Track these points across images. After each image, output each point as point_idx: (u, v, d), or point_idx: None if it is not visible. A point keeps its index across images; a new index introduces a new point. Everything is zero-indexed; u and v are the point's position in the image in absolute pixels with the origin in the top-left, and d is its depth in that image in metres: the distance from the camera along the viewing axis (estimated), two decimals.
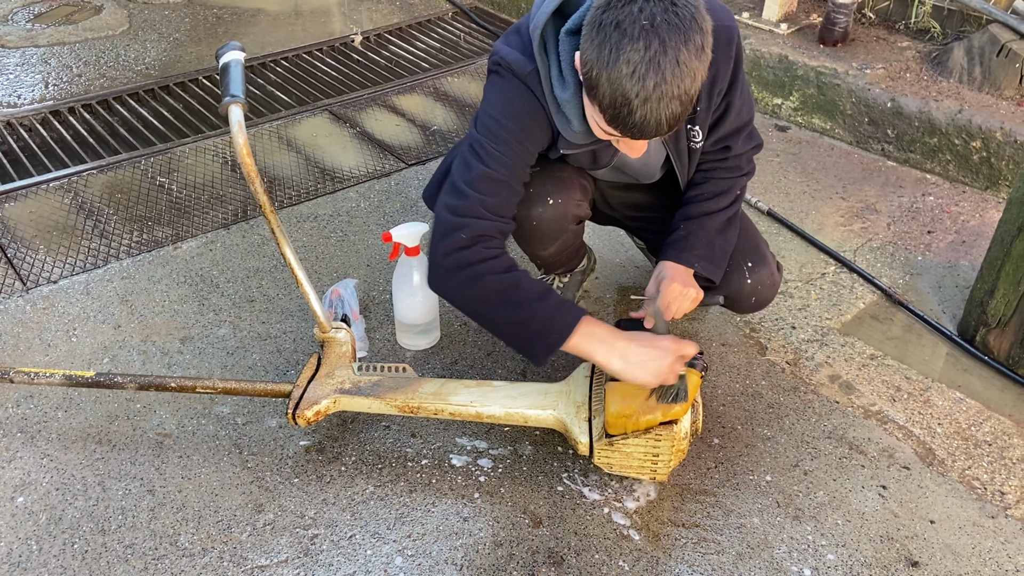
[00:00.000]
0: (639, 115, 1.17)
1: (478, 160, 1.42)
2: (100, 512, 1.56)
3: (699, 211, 1.61)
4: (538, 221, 1.64)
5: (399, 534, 1.52)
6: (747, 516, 1.56)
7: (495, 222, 1.41)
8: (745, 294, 1.72)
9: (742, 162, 1.63)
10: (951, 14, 2.86)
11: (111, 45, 3.50)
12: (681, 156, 1.58)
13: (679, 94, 1.16)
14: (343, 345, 1.71)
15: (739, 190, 1.64)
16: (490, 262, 1.39)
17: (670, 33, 1.13)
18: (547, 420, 1.58)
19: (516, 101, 1.42)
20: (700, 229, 1.60)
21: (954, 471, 1.66)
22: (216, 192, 2.55)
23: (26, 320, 2.03)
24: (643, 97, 1.15)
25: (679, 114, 1.19)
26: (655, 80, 1.14)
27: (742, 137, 1.57)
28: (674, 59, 1.14)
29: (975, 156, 2.50)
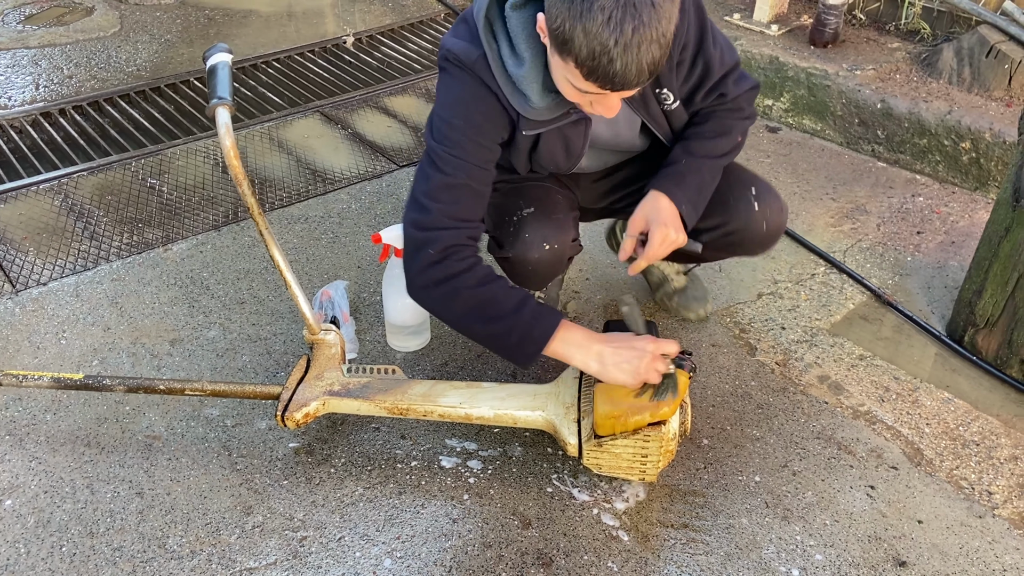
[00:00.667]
0: (620, 63, 1.15)
1: (434, 168, 1.41)
2: (88, 515, 1.56)
3: (702, 149, 1.57)
4: (534, 267, 1.61)
5: (388, 536, 1.52)
6: (736, 517, 1.56)
7: (462, 229, 1.41)
8: (755, 221, 1.63)
9: (742, 102, 1.59)
10: (941, 15, 2.87)
11: (102, 47, 3.50)
12: (656, 119, 1.55)
13: (657, 36, 1.14)
14: (332, 347, 1.71)
15: (740, 135, 1.61)
16: (463, 276, 1.39)
17: None
18: (536, 421, 1.58)
19: (465, 96, 1.40)
20: (697, 171, 1.56)
21: (942, 471, 1.66)
22: (207, 194, 2.54)
23: (15, 322, 2.02)
24: (623, 44, 1.13)
25: (659, 58, 1.17)
26: (633, 24, 1.12)
27: (731, 81, 1.55)
28: (649, 1, 1.12)
29: (964, 157, 2.51)
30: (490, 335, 1.43)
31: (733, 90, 1.57)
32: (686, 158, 1.57)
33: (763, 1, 3.02)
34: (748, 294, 2.12)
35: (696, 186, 1.56)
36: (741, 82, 1.58)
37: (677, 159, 1.58)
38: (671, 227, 1.51)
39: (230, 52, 1.56)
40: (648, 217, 1.54)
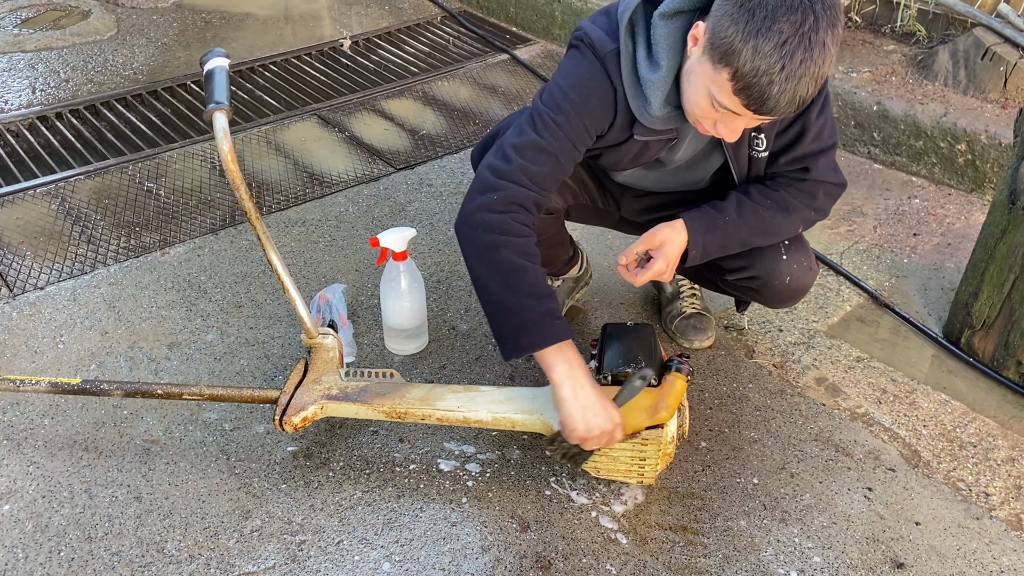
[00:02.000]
0: (778, 89, 1.17)
1: (532, 128, 1.42)
2: (87, 519, 1.55)
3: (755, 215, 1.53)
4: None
5: (387, 540, 1.52)
6: (734, 519, 1.57)
7: (531, 191, 1.41)
8: (780, 273, 1.60)
9: (819, 191, 1.54)
10: (936, 18, 2.88)
11: (99, 50, 3.49)
12: (740, 162, 1.54)
13: (818, 75, 1.17)
14: (330, 351, 1.71)
15: (801, 224, 1.57)
16: (512, 238, 1.38)
17: (824, 12, 1.14)
18: (534, 424, 1.58)
19: (587, 78, 1.41)
20: (734, 231, 1.53)
21: (939, 473, 1.67)
22: (204, 197, 2.54)
23: (12, 327, 2.02)
24: (788, 71, 1.15)
25: (812, 95, 1.19)
26: (802, 56, 1.14)
27: (822, 162, 1.51)
28: (822, 39, 1.15)
29: (960, 159, 2.52)
30: (500, 304, 1.39)
31: (820, 172, 1.52)
32: (735, 213, 1.53)
33: None
34: None
35: (720, 243, 1.54)
36: (832, 172, 1.53)
37: (727, 209, 1.53)
38: (670, 268, 1.53)
39: (227, 56, 1.56)
40: (664, 245, 1.53)
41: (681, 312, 2.00)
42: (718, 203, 1.55)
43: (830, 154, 1.52)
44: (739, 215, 1.53)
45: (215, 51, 1.55)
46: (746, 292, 1.70)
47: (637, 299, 2.13)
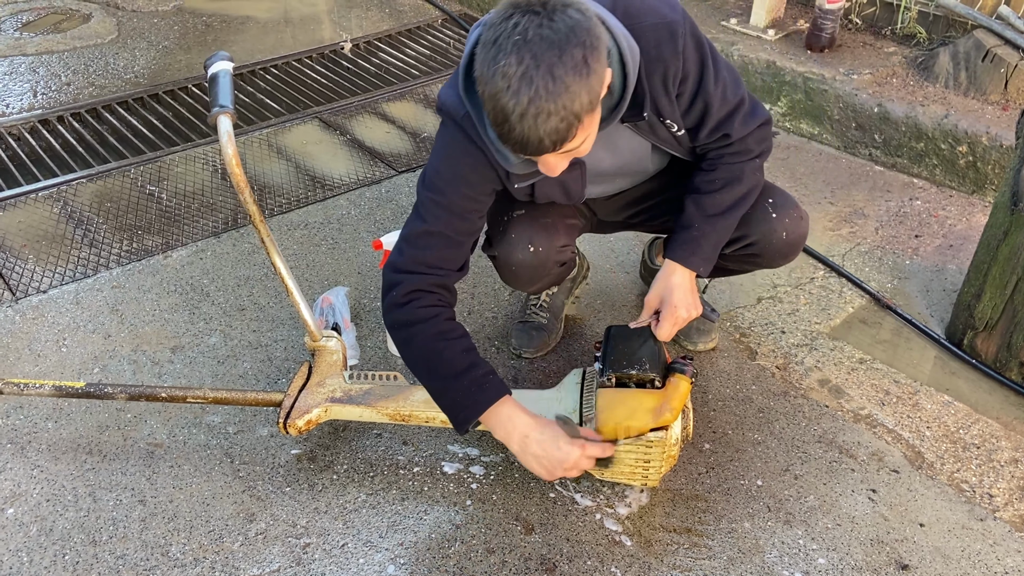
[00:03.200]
0: (518, 131, 1.15)
1: (416, 215, 1.47)
2: (91, 523, 1.55)
3: (714, 205, 1.55)
4: (517, 267, 1.64)
5: (391, 542, 1.52)
6: (738, 521, 1.57)
7: (429, 276, 1.45)
8: (775, 232, 1.63)
9: (749, 144, 1.54)
10: (937, 20, 2.89)
11: (100, 53, 3.50)
12: (667, 143, 1.54)
13: (556, 109, 1.13)
14: (334, 354, 1.71)
15: (753, 174, 1.57)
16: (419, 325, 1.43)
17: (543, 47, 1.11)
18: None
19: (454, 150, 1.43)
20: (712, 231, 1.55)
21: (943, 474, 1.67)
22: (206, 200, 2.55)
23: (15, 330, 2.02)
24: (519, 113, 1.13)
25: (560, 129, 1.15)
26: (529, 95, 1.12)
27: (737, 120, 1.50)
28: (548, 73, 1.11)
29: (961, 160, 2.52)
30: (431, 388, 1.47)
31: (739, 130, 1.51)
32: (699, 221, 1.55)
33: (759, 6, 3.04)
34: (748, 298, 2.13)
35: (712, 245, 1.57)
36: (749, 120, 1.52)
37: (691, 222, 1.56)
38: (681, 308, 1.54)
39: (231, 60, 1.57)
40: (662, 295, 1.56)
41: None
42: (680, 217, 1.57)
43: (741, 109, 1.50)
44: (704, 215, 1.55)
45: (219, 55, 1.55)
46: (748, 260, 1.72)
47: (640, 301, 2.13)
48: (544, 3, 1.15)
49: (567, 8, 1.15)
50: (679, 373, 1.49)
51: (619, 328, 1.60)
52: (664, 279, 1.56)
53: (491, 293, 2.16)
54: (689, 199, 1.57)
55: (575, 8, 1.15)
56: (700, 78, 1.43)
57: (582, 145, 1.27)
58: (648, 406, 1.46)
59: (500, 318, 2.08)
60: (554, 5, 1.14)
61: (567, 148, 1.23)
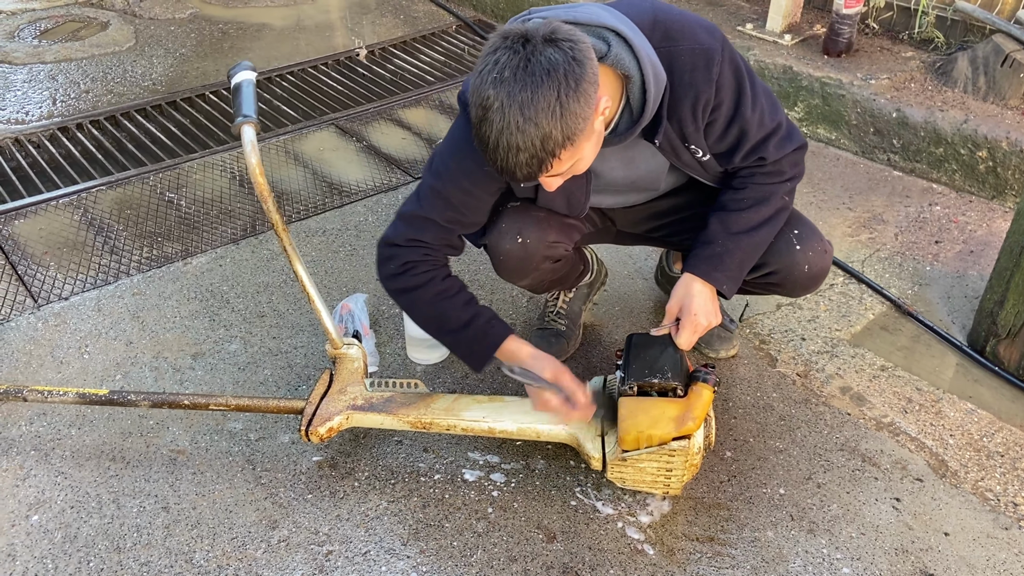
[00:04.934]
0: (495, 159, 1.21)
1: (416, 197, 1.52)
2: (115, 530, 1.56)
3: (740, 223, 1.53)
4: (505, 257, 1.64)
5: (413, 550, 1.52)
6: (761, 530, 1.56)
7: (420, 249, 1.52)
8: (797, 264, 1.61)
9: (783, 166, 1.53)
10: (954, 24, 2.88)
11: (118, 61, 3.52)
12: (690, 167, 1.54)
13: (525, 146, 1.17)
14: (355, 361, 1.71)
15: (784, 197, 1.56)
16: (418, 291, 1.52)
17: (516, 87, 1.15)
18: (560, 435, 1.58)
19: (464, 143, 1.43)
20: (736, 249, 1.53)
21: (967, 483, 1.66)
22: (225, 207, 2.56)
23: (38, 337, 2.03)
24: (493, 144, 1.19)
25: (532, 163, 1.20)
26: (498, 129, 1.17)
27: (772, 144, 1.49)
28: (519, 113, 1.15)
29: (981, 166, 2.51)
30: (444, 342, 1.60)
31: (774, 153, 1.50)
32: (723, 237, 1.53)
33: (776, 11, 3.03)
34: (767, 305, 2.12)
35: (737, 263, 1.53)
36: (784, 144, 1.51)
37: (714, 238, 1.53)
38: (701, 315, 1.52)
39: (254, 70, 1.57)
40: (682, 303, 1.54)
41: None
42: (704, 233, 1.55)
43: (778, 133, 1.50)
44: (728, 231, 1.53)
45: (242, 64, 1.56)
46: (769, 288, 1.71)
47: (659, 307, 2.13)
48: (527, 39, 1.17)
49: (553, 43, 1.17)
50: (701, 382, 1.48)
51: (640, 336, 1.59)
52: (684, 287, 1.54)
53: (509, 300, 2.16)
54: (714, 216, 1.55)
55: (563, 41, 1.17)
56: (736, 105, 1.44)
57: (574, 166, 1.29)
58: (670, 415, 1.46)
59: (519, 324, 2.08)
60: (537, 41, 1.17)
61: (552, 173, 1.26)
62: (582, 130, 1.21)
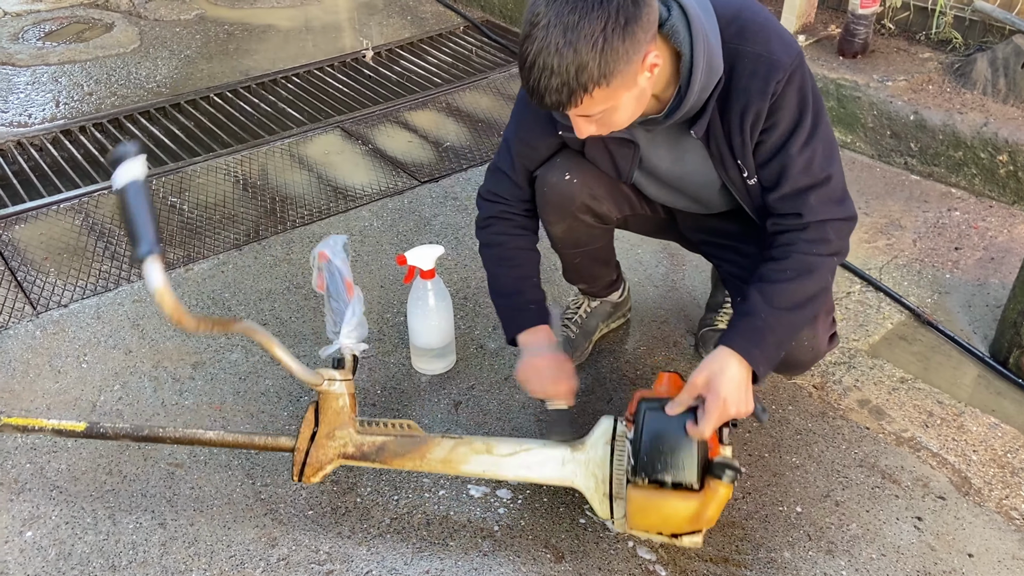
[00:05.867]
0: (528, 80, 1.19)
1: (496, 153, 1.64)
2: (110, 547, 1.52)
3: (784, 298, 1.36)
4: (548, 189, 1.60)
5: (417, 570, 1.47)
6: (778, 550, 1.50)
7: (500, 204, 1.62)
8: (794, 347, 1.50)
9: (827, 233, 1.37)
10: (973, 24, 2.81)
11: (122, 63, 3.49)
12: (735, 184, 1.47)
13: (559, 70, 1.15)
14: (340, 398, 1.50)
15: (828, 274, 1.40)
16: (491, 249, 1.64)
17: (566, 8, 1.13)
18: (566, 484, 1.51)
19: (523, 95, 1.52)
20: (779, 324, 1.36)
21: (991, 501, 1.59)
22: (228, 212, 2.52)
23: (36, 346, 2.00)
24: (529, 63, 1.17)
25: (560, 89, 1.16)
26: (537, 48, 1.15)
27: (813, 198, 1.36)
28: (560, 33, 1.13)
29: (1002, 170, 2.44)
30: (493, 302, 1.66)
31: (815, 210, 1.36)
32: (765, 311, 1.36)
33: (789, 11, 2.97)
34: None
35: (775, 343, 1.36)
36: (830, 205, 1.37)
37: (755, 310, 1.36)
38: (731, 401, 1.32)
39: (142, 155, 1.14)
40: (710, 382, 1.33)
41: (713, 324, 1.95)
42: (744, 304, 1.39)
43: (823, 188, 1.36)
44: (771, 305, 1.36)
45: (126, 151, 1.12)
46: None
47: (670, 315, 2.07)
48: None
49: None
50: (718, 479, 1.30)
51: (654, 413, 1.35)
52: (717, 362, 1.34)
53: None
54: (754, 287, 1.39)
55: None
56: (788, 134, 1.34)
57: (606, 117, 1.26)
58: (684, 513, 1.33)
59: None
60: None
61: (580, 112, 1.23)
62: (621, 73, 1.17)
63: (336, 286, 1.60)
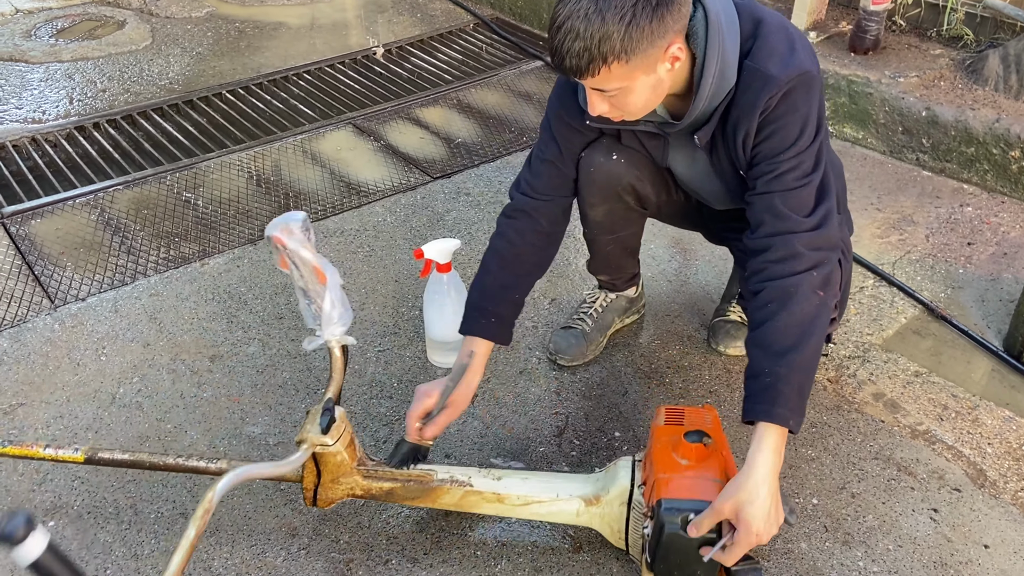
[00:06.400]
0: (553, 40, 1.21)
1: (536, 145, 1.61)
2: (132, 536, 1.53)
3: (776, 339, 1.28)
4: (595, 168, 1.61)
5: (436, 559, 1.49)
6: (794, 541, 1.51)
7: (530, 199, 1.58)
8: None
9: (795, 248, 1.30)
10: (984, 21, 2.81)
11: (134, 60, 3.51)
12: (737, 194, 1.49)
13: (584, 35, 1.17)
14: (337, 455, 1.41)
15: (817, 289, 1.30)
16: (497, 240, 1.60)
17: None
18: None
19: (560, 81, 1.51)
20: (789, 370, 1.26)
21: (1007, 493, 1.60)
22: (242, 207, 2.53)
23: (54, 339, 2.01)
24: (559, 23, 1.19)
25: (581, 54, 1.18)
26: (568, 10, 1.18)
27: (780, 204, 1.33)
28: (593, 1, 1.16)
29: (1014, 166, 2.44)
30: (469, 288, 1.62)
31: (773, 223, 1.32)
32: (767, 363, 1.27)
33: (800, 8, 2.97)
34: None
35: (795, 389, 1.25)
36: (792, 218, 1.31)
37: (759, 367, 1.28)
38: (764, 533, 1.19)
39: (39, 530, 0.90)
40: (740, 511, 1.18)
41: (725, 314, 1.96)
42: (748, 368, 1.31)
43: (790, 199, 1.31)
44: (771, 352, 1.28)
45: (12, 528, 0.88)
46: None
47: (683, 310, 2.08)
48: None
49: None
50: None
51: (673, 529, 1.23)
52: (739, 482, 1.20)
53: (530, 303, 2.12)
54: (749, 341, 1.33)
55: None
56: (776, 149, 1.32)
57: (620, 97, 1.27)
58: None
59: (540, 327, 2.04)
60: None
61: (596, 84, 1.24)
62: (643, 53, 1.19)
63: (303, 274, 1.36)
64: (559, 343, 1.92)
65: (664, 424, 1.37)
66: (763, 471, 1.20)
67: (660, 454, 1.31)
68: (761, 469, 1.21)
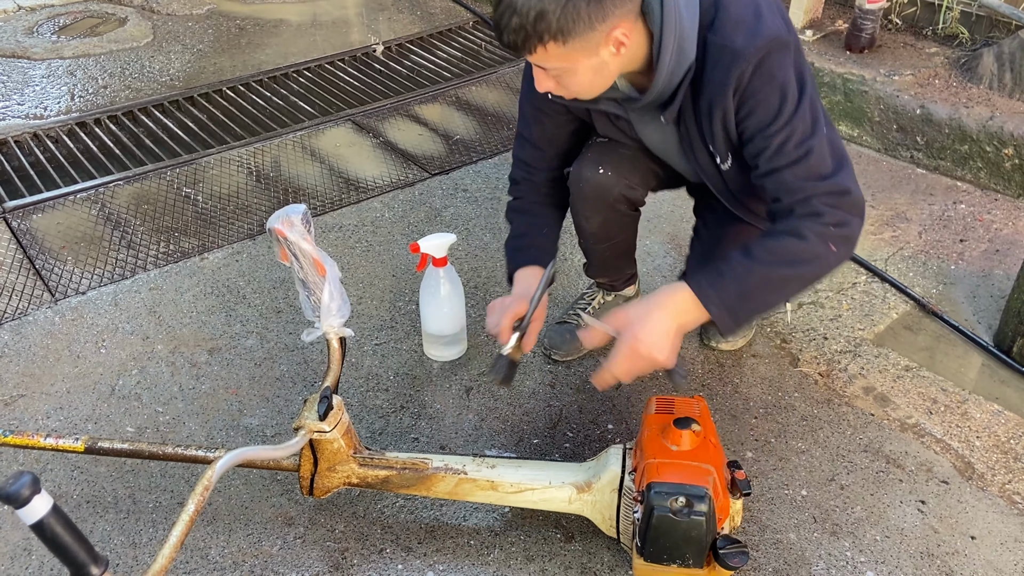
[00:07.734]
0: (496, 11, 1.21)
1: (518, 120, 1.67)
2: (131, 525, 1.56)
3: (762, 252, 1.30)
4: (584, 184, 1.63)
5: (430, 548, 1.51)
6: (783, 532, 1.53)
7: (522, 170, 1.67)
8: None
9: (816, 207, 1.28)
10: (979, 20, 2.83)
11: (136, 56, 3.53)
12: (705, 170, 1.49)
13: (521, 10, 1.17)
14: (334, 443, 1.44)
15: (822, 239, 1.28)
16: (515, 201, 1.69)
17: None
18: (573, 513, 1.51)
19: None
20: (748, 273, 1.29)
21: (994, 485, 1.62)
22: (241, 202, 2.55)
23: (55, 332, 2.04)
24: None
25: (517, 31, 1.19)
26: None
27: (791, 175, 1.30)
28: None
29: (1007, 163, 2.46)
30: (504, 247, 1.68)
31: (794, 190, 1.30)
32: (736, 258, 1.30)
33: (797, 6, 2.99)
34: (788, 303, 2.09)
35: (738, 291, 1.28)
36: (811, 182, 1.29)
37: (728, 258, 1.32)
38: (643, 343, 1.25)
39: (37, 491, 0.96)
40: (631, 320, 1.27)
41: None
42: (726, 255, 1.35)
43: (801, 167, 1.29)
44: (748, 255, 1.30)
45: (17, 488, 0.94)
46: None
47: None
48: None
49: None
50: (723, 567, 1.26)
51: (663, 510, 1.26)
52: (655, 295, 1.29)
53: None
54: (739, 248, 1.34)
55: None
56: (764, 120, 1.30)
57: (564, 78, 1.28)
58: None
59: None
60: None
61: (535, 61, 1.25)
62: (581, 36, 1.19)
63: (303, 266, 1.42)
64: (554, 338, 1.94)
65: (655, 413, 1.40)
66: (659, 303, 1.30)
67: (650, 441, 1.34)
68: (659, 300, 1.30)
